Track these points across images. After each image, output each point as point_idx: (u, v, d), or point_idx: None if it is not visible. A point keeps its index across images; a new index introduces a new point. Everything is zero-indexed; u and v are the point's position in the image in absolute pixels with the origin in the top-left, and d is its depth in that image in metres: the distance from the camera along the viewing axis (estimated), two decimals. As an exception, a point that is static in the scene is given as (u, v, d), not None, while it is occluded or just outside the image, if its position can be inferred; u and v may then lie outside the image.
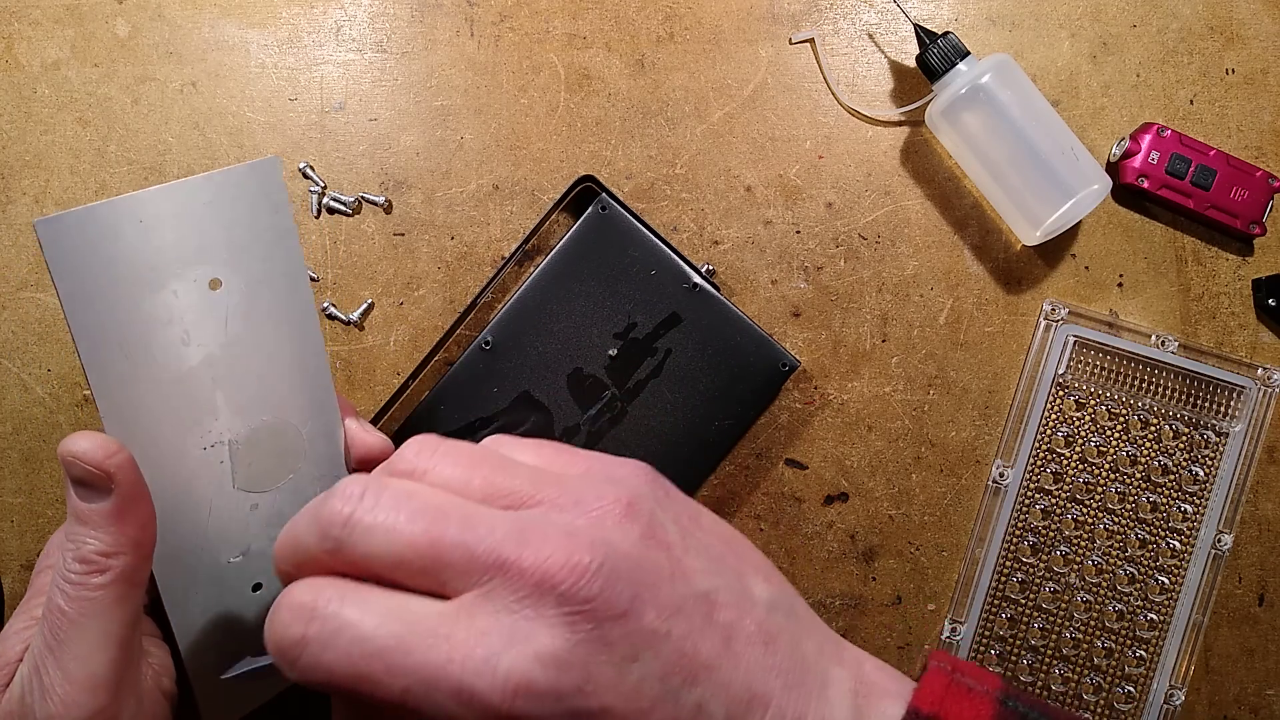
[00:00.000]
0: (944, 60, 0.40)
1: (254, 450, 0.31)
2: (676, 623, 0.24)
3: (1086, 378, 0.42)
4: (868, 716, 0.26)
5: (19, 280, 0.41)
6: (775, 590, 0.27)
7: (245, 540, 0.32)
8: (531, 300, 0.39)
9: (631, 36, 0.43)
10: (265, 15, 0.42)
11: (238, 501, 0.31)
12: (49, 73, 0.42)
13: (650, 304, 0.39)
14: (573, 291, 0.39)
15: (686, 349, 0.39)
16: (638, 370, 0.39)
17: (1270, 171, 0.42)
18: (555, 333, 0.39)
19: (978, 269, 0.42)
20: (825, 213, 0.42)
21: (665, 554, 0.25)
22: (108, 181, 0.41)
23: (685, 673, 0.24)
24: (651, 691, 0.24)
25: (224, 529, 0.31)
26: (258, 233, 0.30)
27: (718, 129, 0.42)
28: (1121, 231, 0.43)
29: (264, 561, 0.32)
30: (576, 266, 0.39)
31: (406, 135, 0.42)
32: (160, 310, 0.28)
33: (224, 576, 0.32)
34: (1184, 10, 0.43)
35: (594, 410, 0.39)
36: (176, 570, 0.31)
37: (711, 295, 0.39)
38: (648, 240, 0.39)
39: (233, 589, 0.32)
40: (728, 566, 0.27)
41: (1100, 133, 0.43)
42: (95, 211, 0.27)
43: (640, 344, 0.39)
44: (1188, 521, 0.42)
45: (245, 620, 0.32)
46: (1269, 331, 0.43)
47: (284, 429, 0.31)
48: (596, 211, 0.39)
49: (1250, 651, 0.42)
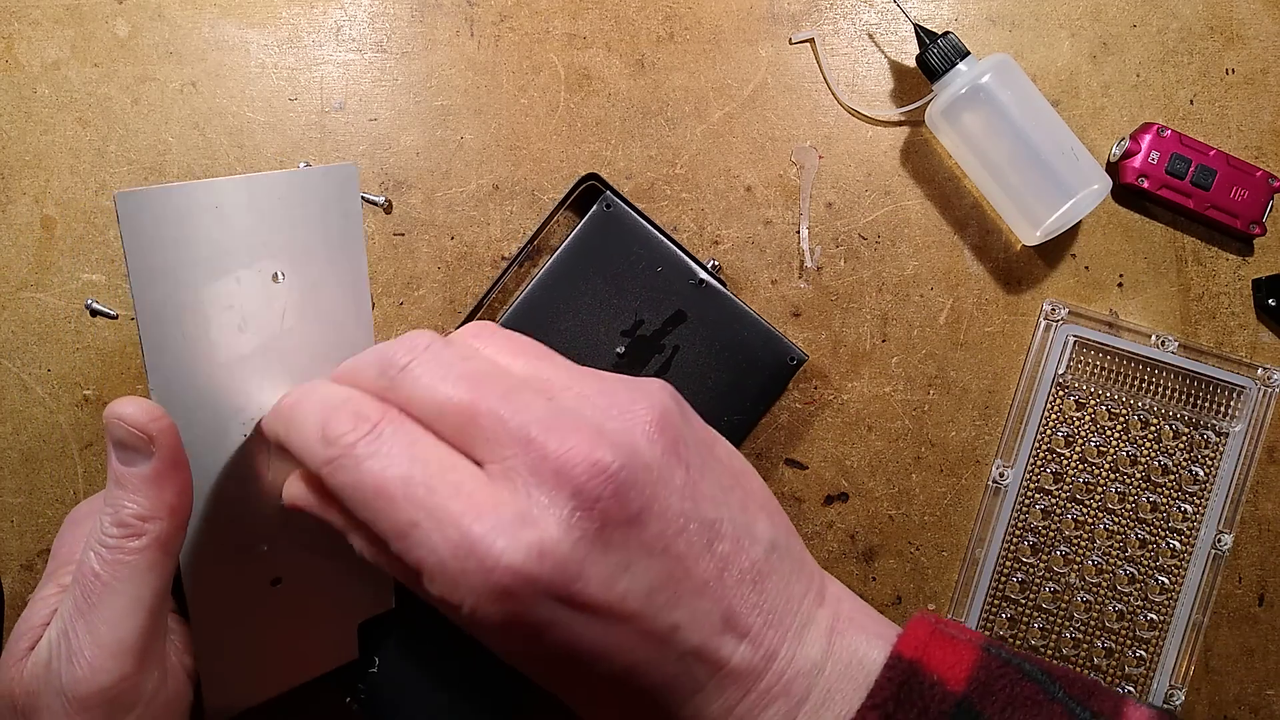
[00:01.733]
0: (944, 60, 0.40)
1: None
2: (677, 543, 0.25)
3: (1086, 378, 0.42)
4: (837, 650, 0.27)
5: (19, 280, 0.41)
6: (776, 530, 0.28)
7: (271, 533, 0.32)
8: (538, 300, 0.39)
9: (631, 36, 0.43)
10: (265, 15, 0.42)
11: (269, 494, 0.31)
12: (49, 73, 0.42)
13: (657, 301, 0.39)
14: (579, 290, 0.39)
15: (694, 345, 0.39)
16: (646, 367, 0.39)
17: (1270, 171, 0.42)
18: (562, 331, 0.39)
19: (978, 269, 0.42)
20: (825, 213, 0.42)
21: (683, 474, 0.26)
22: (108, 181, 0.41)
23: (671, 593, 0.25)
24: (635, 603, 0.24)
25: (252, 518, 0.31)
26: (327, 234, 0.31)
27: (718, 129, 0.42)
28: (1121, 231, 0.43)
29: (288, 557, 0.32)
30: (582, 265, 0.39)
31: (406, 135, 0.42)
32: (222, 295, 0.29)
33: (245, 566, 0.32)
34: (1184, 10, 0.43)
35: None
36: (200, 549, 0.31)
37: (718, 291, 0.39)
38: (653, 237, 0.39)
39: (252, 580, 0.32)
40: (735, 499, 0.27)
41: (1100, 133, 0.43)
42: (175, 192, 0.27)
43: (648, 341, 0.39)
44: (1188, 521, 0.42)
45: (259, 613, 0.32)
46: (1269, 331, 0.43)
47: None
48: (601, 209, 0.39)
49: (1250, 651, 0.42)
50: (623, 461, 0.24)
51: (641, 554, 0.24)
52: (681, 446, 0.26)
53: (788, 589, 0.27)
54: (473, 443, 0.25)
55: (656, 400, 0.26)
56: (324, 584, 0.34)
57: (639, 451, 0.25)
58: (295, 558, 0.32)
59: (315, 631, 0.34)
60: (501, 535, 0.23)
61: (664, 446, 0.25)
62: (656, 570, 0.25)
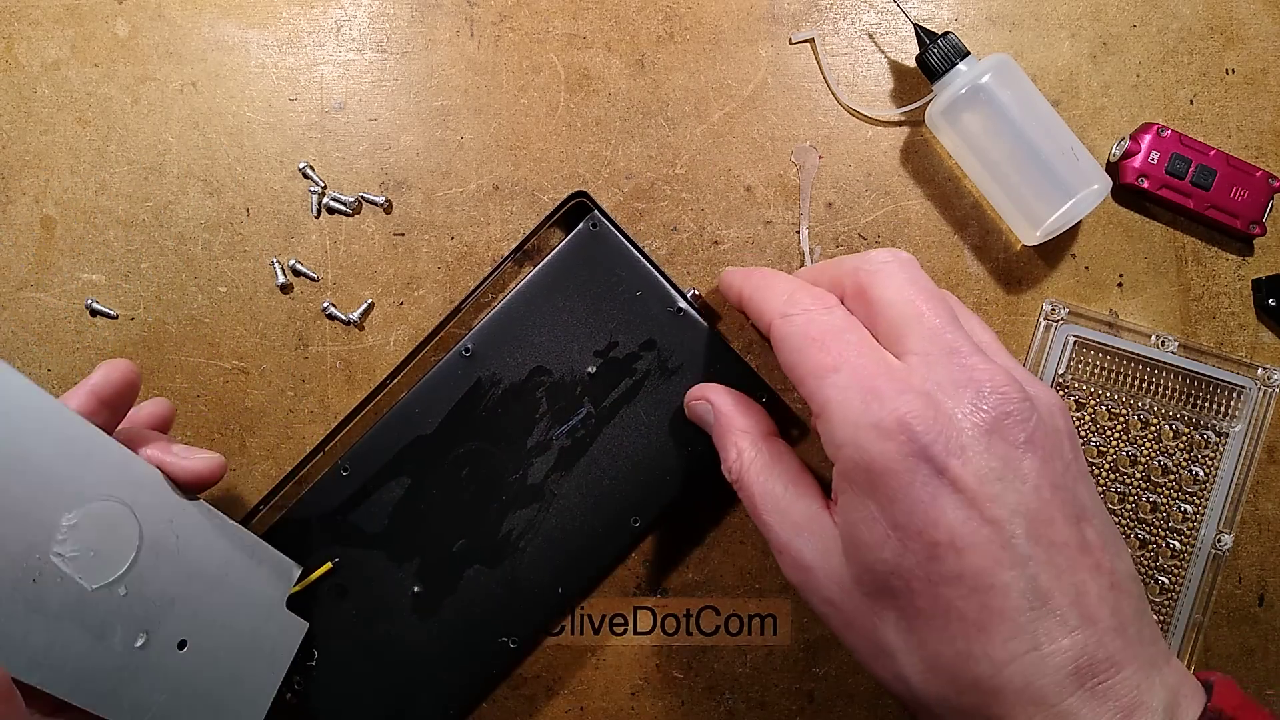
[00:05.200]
0: (944, 60, 0.40)
1: (79, 548, 0.30)
2: (1048, 489, 0.27)
3: (1086, 378, 0.42)
4: (1172, 690, 0.27)
5: (19, 280, 0.41)
6: (1138, 577, 0.29)
7: (137, 621, 0.31)
8: (515, 311, 0.39)
9: (631, 36, 0.43)
10: (265, 15, 0.42)
11: (102, 599, 0.30)
12: (49, 73, 0.42)
13: (633, 325, 0.39)
14: (557, 306, 0.39)
15: (665, 373, 0.39)
16: (615, 390, 0.39)
17: (1270, 171, 0.42)
18: (536, 345, 0.39)
19: (978, 269, 0.42)
20: (825, 213, 0.42)
21: (1071, 453, 0.28)
22: (108, 181, 0.41)
23: (1034, 529, 0.26)
24: (999, 510, 0.26)
25: (108, 628, 0.30)
26: None
27: (718, 129, 0.42)
28: (1121, 231, 0.43)
29: (172, 624, 0.32)
30: (563, 281, 0.39)
31: (406, 135, 0.42)
32: None
33: (145, 660, 0.31)
34: (1184, 10, 0.43)
35: (567, 425, 0.39)
36: (101, 692, 0.30)
37: (695, 321, 0.39)
38: (636, 261, 0.39)
39: (163, 663, 0.31)
40: (1107, 521, 0.29)
41: (1100, 133, 0.43)
42: None
43: (620, 364, 0.39)
44: (1188, 521, 0.42)
45: (189, 679, 0.32)
46: (1269, 331, 0.43)
47: (94, 512, 0.30)
48: (587, 228, 0.39)
49: (1250, 651, 0.42)
50: (1026, 399, 0.27)
51: (1017, 478, 0.26)
52: (1074, 439, 0.29)
53: (1139, 618, 0.27)
54: (905, 336, 0.29)
55: (1058, 399, 0.29)
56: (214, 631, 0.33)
57: (1041, 403, 0.28)
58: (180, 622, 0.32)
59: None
60: (906, 395, 0.27)
61: (1063, 425, 0.28)
62: (1027, 499, 0.26)
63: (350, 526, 0.38)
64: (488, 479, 0.39)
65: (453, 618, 0.38)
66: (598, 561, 0.39)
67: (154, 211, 0.41)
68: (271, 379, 0.41)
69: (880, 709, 0.41)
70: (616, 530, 0.39)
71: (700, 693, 0.41)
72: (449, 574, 0.38)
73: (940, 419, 0.26)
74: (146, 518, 0.31)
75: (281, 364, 0.41)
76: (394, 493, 0.38)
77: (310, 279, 0.42)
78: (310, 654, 0.37)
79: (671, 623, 0.41)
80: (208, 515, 0.33)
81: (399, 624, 0.38)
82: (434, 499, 0.38)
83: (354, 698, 0.38)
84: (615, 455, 0.39)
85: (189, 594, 0.32)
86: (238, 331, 0.41)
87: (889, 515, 0.27)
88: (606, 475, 0.39)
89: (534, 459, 0.39)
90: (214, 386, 0.41)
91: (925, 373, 0.28)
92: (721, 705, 0.41)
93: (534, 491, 0.39)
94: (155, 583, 0.31)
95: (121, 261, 0.41)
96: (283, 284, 0.41)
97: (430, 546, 0.38)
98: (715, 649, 0.41)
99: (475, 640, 0.38)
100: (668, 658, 0.41)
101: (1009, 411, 0.27)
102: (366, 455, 0.38)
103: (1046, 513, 0.26)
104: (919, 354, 0.28)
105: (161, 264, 0.41)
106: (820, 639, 0.41)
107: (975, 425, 0.26)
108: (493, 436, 0.39)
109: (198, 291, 0.41)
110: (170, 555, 0.32)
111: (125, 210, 0.41)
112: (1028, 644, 0.25)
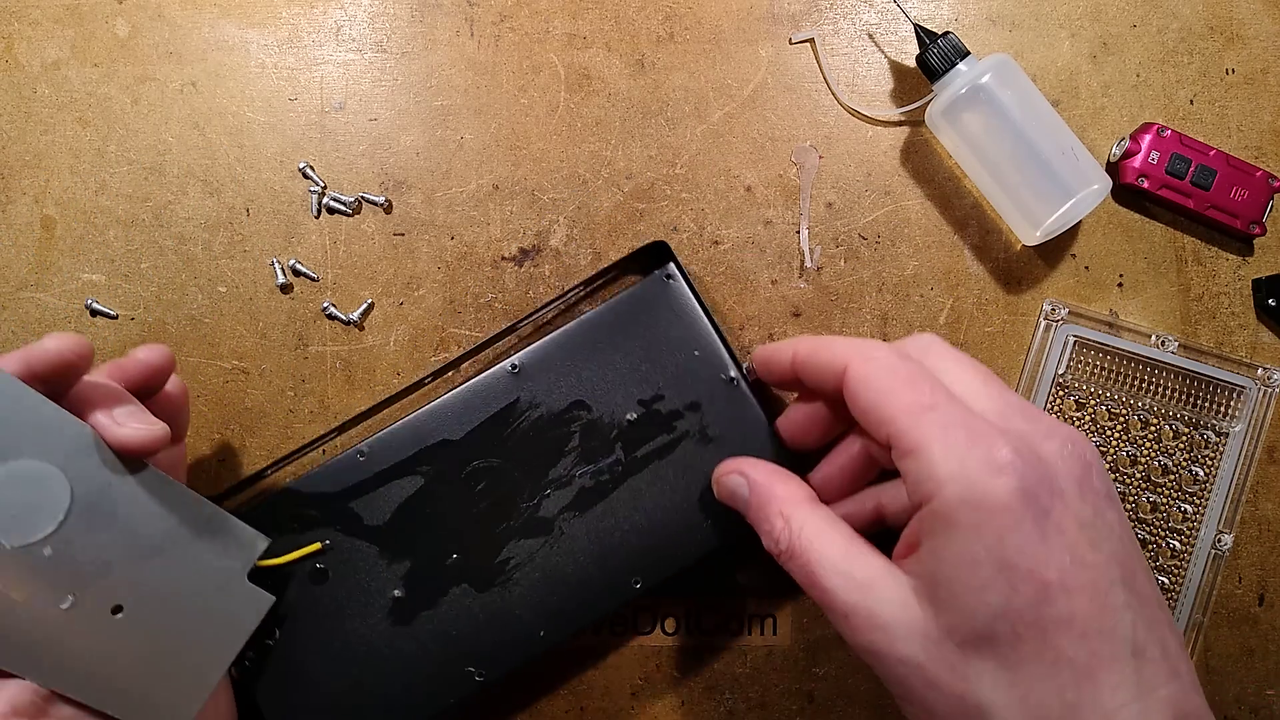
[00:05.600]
0: (944, 60, 0.40)
1: (5, 505, 0.30)
2: (1130, 543, 0.27)
3: (1086, 378, 0.42)
4: None
5: (19, 280, 0.41)
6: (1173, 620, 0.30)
7: (64, 583, 0.31)
8: (571, 340, 0.39)
9: (631, 36, 0.43)
10: (265, 15, 0.42)
11: (23, 558, 0.30)
12: (49, 73, 0.42)
13: (683, 383, 0.38)
14: (613, 345, 0.39)
15: (704, 439, 0.38)
16: (650, 443, 0.38)
17: (1270, 171, 0.42)
18: (583, 379, 0.38)
19: (978, 269, 0.42)
20: (825, 213, 0.42)
21: (1120, 508, 0.28)
22: (108, 181, 0.41)
23: (1127, 579, 0.26)
24: (1097, 558, 0.26)
25: (31, 587, 0.30)
26: None
27: (718, 129, 0.42)
28: (1121, 231, 0.43)
29: (105, 589, 0.32)
30: (625, 322, 0.39)
31: (406, 135, 0.42)
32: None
33: (71, 622, 0.31)
34: (1184, 10, 0.43)
35: (593, 467, 0.38)
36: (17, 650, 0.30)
37: (743, 394, 0.38)
38: (700, 321, 0.39)
39: (93, 627, 0.31)
40: (1146, 567, 0.29)
41: (1100, 133, 0.43)
42: None
43: (661, 418, 0.38)
44: (1188, 521, 0.42)
45: (124, 645, 0.32)
46: (1269, 331, 0.43)
47: (16, 471, 0.30)
48: (661, 278, 0.39)
49: (1250, 651, 0.42)
50: (1096, 454, 0.28)
51: (1106, 526, 0.27)
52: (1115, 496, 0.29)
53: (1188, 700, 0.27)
54: (977, 397, 0.29)
55: None
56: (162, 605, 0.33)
57: (1099, 461, 0.28)
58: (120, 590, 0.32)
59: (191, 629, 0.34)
60: (1009, 435, 0.27)
61: (1105, 487, 0.28)
62: (1117, 548, 0.26)
63: (350, 513, 0.37)
64: (500, 500, 0.38)
65: (426, 633, 0.37)
66: (588, 614, 0.37)
67: (154, 211, 0.41)
68: (271, 379, 0.41)
69: (881, 709, 0.41)
70: (617, 587, 0.37)
71: (700, 693, 0.41)
72: (435, 586, 0.37)
73: (1042, 462, 0.26)
74: (80, 481, 0.31)
75: (281, 364, 0.41)
76: (404, 490, 0.38)
77: (310, 279, 0.42)
78: (271, 632, 0.37)
79: (671, 623, 0.41)
80: (155, 482, 0.33)
81: (370, 624, 0.37)
82: (441, 506, 0.38)
83: (302, 687, 0.37)
84: (634, 509, 0.38)
85: (127, 560, 0.32)
86: (238, 331, 0.41)
87: (998, 554, 0.25)
88: (620, 527, 0.38)
89: (551, 491, 0.38)
90: (214, 386, 0.41)
91: (1010, 423, 0.28)
92: (721, 705, 0.41)
93: (543, 524, 0.38)
94: (88, 547, 0.31)
95: (121, 261, 0.41)
96: (283, 284, 0.41)
97: (424, 553, 0.37)
98: (715, 649, 0.41)
99: (442, 662, 0.37)
100: (668, 658, 0.41)
101: (1091, 463, 0.27)
102: (388, 445, 0.38)
103: (1131, 564, 0.27)
104: (995, 411, 0.28)
105: (161, 264, 0.41)
106: (820, 639, 0.41)
107: (1069, 473, 0.27)
108: (516, 459, 0.38)
109: (198, 291, 0.41)
110: (106, 520, 0.31)
111: (125, 210, 0.41)
112: (1132, 693, 0.25)
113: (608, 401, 0.38)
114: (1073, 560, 0.25)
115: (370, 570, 0.37)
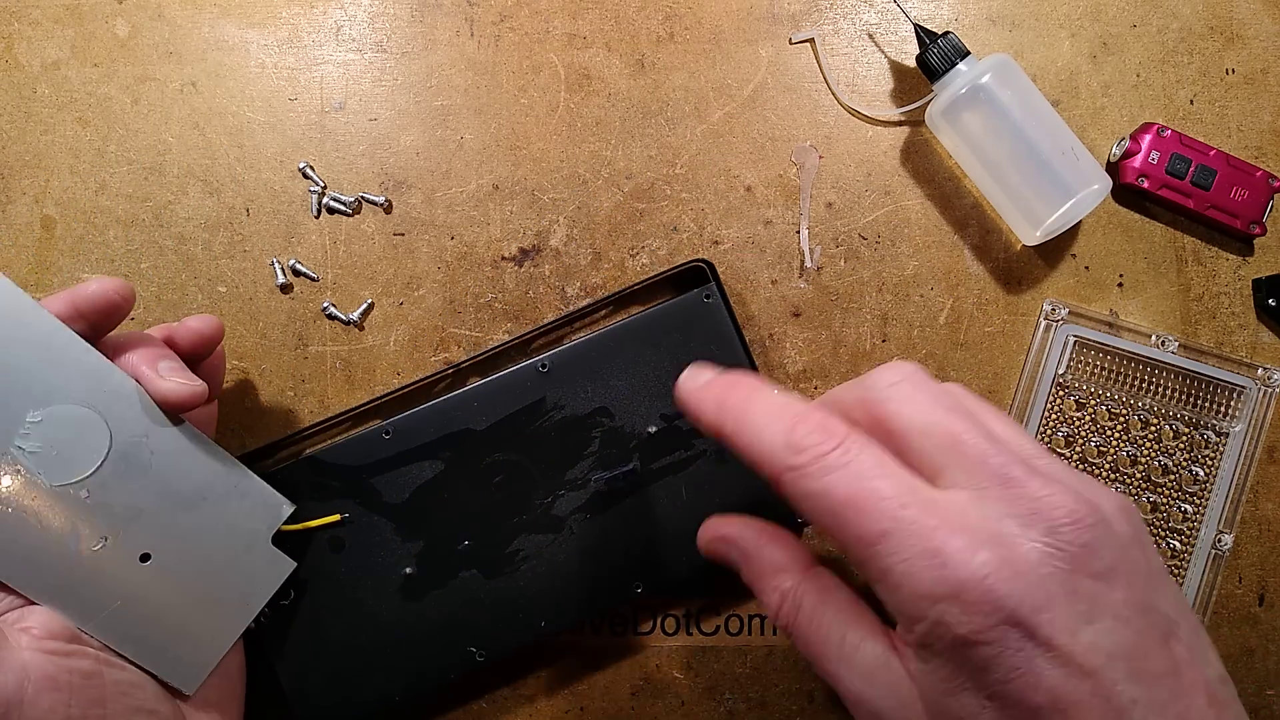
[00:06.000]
0: (944, 60, 0.40)
1: (42, 445, 0.31)
2: (1138, 618, 0.24)
3: (1086, 378, 0.42)
4: None
5: (19, 280, 0.41)
6: (1225, 673, 0.26)
7: (99, 525, 0.32)
8: (603, 347, 0.39)
9: (631, 36, 0.43)
10: (265, 15, 0.42)
11: (62, 498, 0.32)
12: (49, 73, 0.42)
13: None
14: (644, 357, 0.39)
15: (720, 461, 0.39)
16: (666, 457, 0.39)
17: (1270, 171, 0.42)
18: (610, 386, 0.39)
19: (978, 269, 0.42)
20: (825, 213, 0.42)
21: (1144, 563, 0.25)
22: (108, 181, 0.41)
23: (1132, 666, 0.24)
24: (1096, 659, 0.24)
25: (66, 526, 0.32)
26: None
27: (718, 129, 0.42)
28: (1121, 231, 0.43)
29: (137, 536, 0.33)
30: (658, 336, 0.39)
31: (406, 135, 0.42)
32: None
33: (101, 564, 0.32)
34: (1184, 10, 0.43)
35: (610, 473, 0.39)
36: (50, 585, 0.31)
37: None
38: (734, 344, 0.39)
39: (121, 571, 0.32)
40: (1190, 618, 0.26)
41: (1100, 133, 0.43)
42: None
43: (681, 435, 0.39)
44: (1188, 521, 0.42)
45: (149, 592, 0.33)
46: (1269, 331, 0.43)
47: (62, 414, 0.32)
48: (700, 297, 0.39)
49: (1250, 651, 0.42)
50: (1096, 520, 0.24)
51: (1106, 613, 0.24)
52: (1144, 539, 0.26)
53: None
54: (946, 467, 0.26)
55: (1122, 498, 0.27)
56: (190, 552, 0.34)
57: (1109, 520, 0.25)
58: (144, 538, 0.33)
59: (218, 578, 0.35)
60: (980, 549, 0.23)
61: (1131, 531, 0.26)
62: (1120, 635, 0.24)
63: (371, 489, 0.38)
64: (516, 493, 0.39)
65: (433, 610, 0.38)
66: (588, 610, 0.39)
67: (154, 211, 0.41)
68: (271, 379, 0.41)
69: (880, 709, 0.41)
70: (618, 588, 0.39)
71: (700, 693, 0.41)
72: (445, 568, 0.38)
73: (1019, 572, 0.24)
74: (120, 429, 0.32)
75: (281, 364, 0.41)
76: (425, 472, 0.39)
77: (310, 279, 0.42)
78: (287, 593, 0.38)
79: (671, 623, 0.41)
80: (191, 438, 0.34)
81: (380, 596, 0.38)
82: (459, 493, 0.39)
83: (311, 647, 0.38)
84: (643, 519, 0.39)
85: (158, 510, 0.33)
86: (238, 331, 0.41)
87: (982, 685, 0.24)
88: (628, 534, 0.39)
89: (566, 491, 0.39)
90: (214, 386, 0.41)
91: (982, 510, 0.25)
92: (721, 705, 0.41)
93: (554, 522, 0.39)
94: (122, 493, 0.32)
95: (121, 261, 0.41)
96: (283, 284, 0.41)
97: (438, 536, 0.39)
98: (715, 649, 0.41)
99: (446, 639, 0.38)
100: (668, 658, 0.41)
101: (1085, 543, 0.24)
102: (413, 427, 0.39)
103: (1141, 646, 0.24)
104: (968, 489, 0.25)
105: (161, 264, 0.41)
106: (820, 639, 0.41)
107: (1056, 569, 0.24)
108: (536, 456, 0.39)
109: (198, 291, 0.41)
110: (141, 469, 0.32)
111: (125, 210, 0.41)
112: None
113: (631, 411, 0.39)
114: (1065, 675, 0.23)
115: (385, 546, 0.38)
